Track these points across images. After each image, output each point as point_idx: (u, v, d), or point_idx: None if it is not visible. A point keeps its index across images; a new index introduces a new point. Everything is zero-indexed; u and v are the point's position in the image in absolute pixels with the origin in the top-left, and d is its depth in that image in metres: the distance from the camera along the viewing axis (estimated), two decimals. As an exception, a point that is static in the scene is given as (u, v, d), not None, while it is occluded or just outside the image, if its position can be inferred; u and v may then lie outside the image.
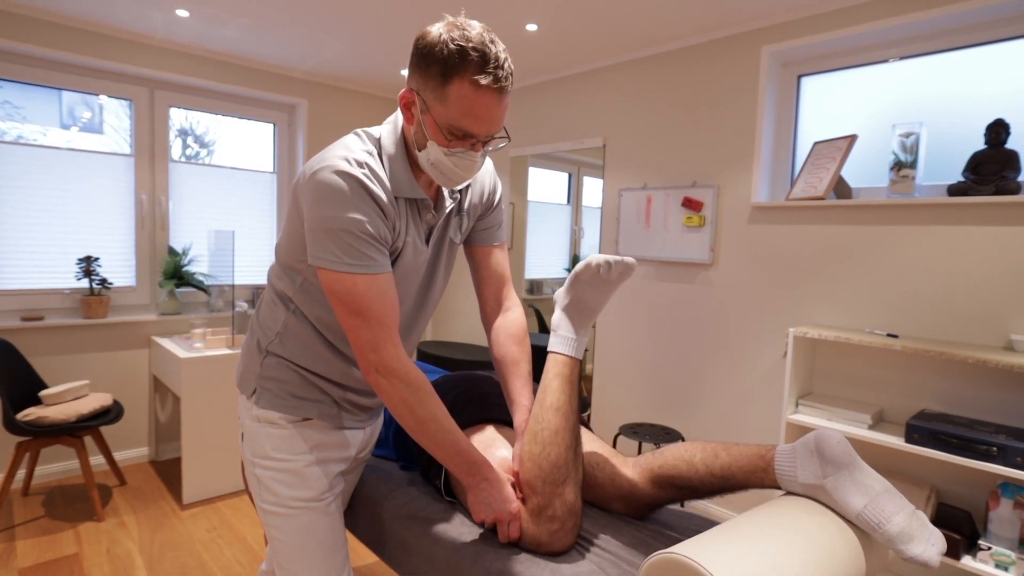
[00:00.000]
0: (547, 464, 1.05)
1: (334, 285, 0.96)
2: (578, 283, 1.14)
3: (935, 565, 0.89)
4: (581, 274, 1.12)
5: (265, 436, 1.13)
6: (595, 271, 1.09)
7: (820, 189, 2.20)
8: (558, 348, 1.16)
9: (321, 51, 3.07)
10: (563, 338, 1.16)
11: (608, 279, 1.11)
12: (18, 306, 2.80)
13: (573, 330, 1.16)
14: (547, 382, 1.14)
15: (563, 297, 1.17)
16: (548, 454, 1.06)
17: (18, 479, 2.80)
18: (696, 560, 0.78)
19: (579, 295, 1.15)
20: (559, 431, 1.08)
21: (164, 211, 3.17)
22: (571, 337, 1.15)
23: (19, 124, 2.80)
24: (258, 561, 2.23)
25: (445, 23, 0.93)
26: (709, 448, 1.12)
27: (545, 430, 1.08)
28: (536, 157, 3.50)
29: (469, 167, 1.00)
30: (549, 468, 1.05)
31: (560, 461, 1.05)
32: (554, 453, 1.06)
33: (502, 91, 0.93)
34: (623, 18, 2.46)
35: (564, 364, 1.14)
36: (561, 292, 1.19)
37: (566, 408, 1.10)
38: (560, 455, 1.06)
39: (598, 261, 1.09)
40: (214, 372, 2.68)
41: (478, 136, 0.96)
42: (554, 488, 1.04)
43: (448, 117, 0.93)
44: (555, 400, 1.11)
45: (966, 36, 2.03)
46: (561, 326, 1.17)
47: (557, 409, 1.10)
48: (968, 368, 1.93)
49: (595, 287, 1.13)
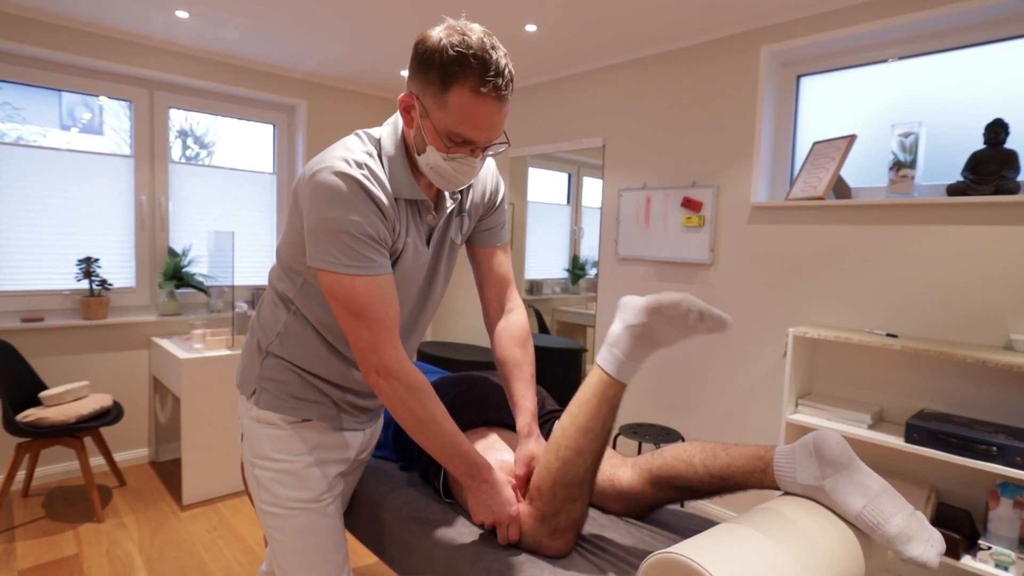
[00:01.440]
0: (563, 481, 1.02)
1: (334, 287, 0.96)
2: (659, 314, 0.99)
3: (934, 566, 0.89)
4: (666, 309, 0.98)
5: (264, 437, 1.13)
6: (684, 315, 0.96)
7: (819, 189, 2.20)
8: (607, 366, 1.05)
9: (321, 52, 3.07)
10: (616, 357, 1.04)
11: (693, 327, 0.97)
12: (18, 307, 2.81)
13: (630, 353, 1.03)
14: (584, 398, 1.05)
15: (633, 315, 1.03)
16: (566, 472, 1.02)
17: (18, 480, 2.80)
18: (695, 560, 0.78)
19: (653, 325, 1.01)
20: (583, 452, 1.03)
21: (164, 212, 3.17)
22: (624, 359, 1.04)
23: (19, 125, 2.80)
24: (258, 562, 2.23)
25: (445, 26, 0.92)
26: (708, 448, 1.12)
27: (569, 449, 1.03)
28: (536, 157, 3.50)
29: (468, 172, 1.00)
30: (563, 486, 1.02)
31: (576, 482, 1.02)
32: (572, 473, 1.02)
33: (502, 99, 0.92)
34: (622, 18, 2.46)
35: (608, 385, 1.04)
36: (632, 307, 1.04)
37: (598, 430, 1.03)
38: (578, 476, 1.02)
39: (691, 307, 0.95)
40: (214, 373, 2.68)
41: (477, 143, 0.96)
42: (563, 504, 1.03)
43: (447, 123, 0.93)
44: (588, 421, 1.03)
45: (965, 36, 2.03)
46: (619, 344, 1.04)
47: (588, 431, 1.03)
48: (968, 368, 1.93)
49: (675, 327, 1.00)
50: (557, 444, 1.04)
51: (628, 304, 1.06)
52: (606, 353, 1.06)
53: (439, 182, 1.02)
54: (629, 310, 1.04)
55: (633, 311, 1.03)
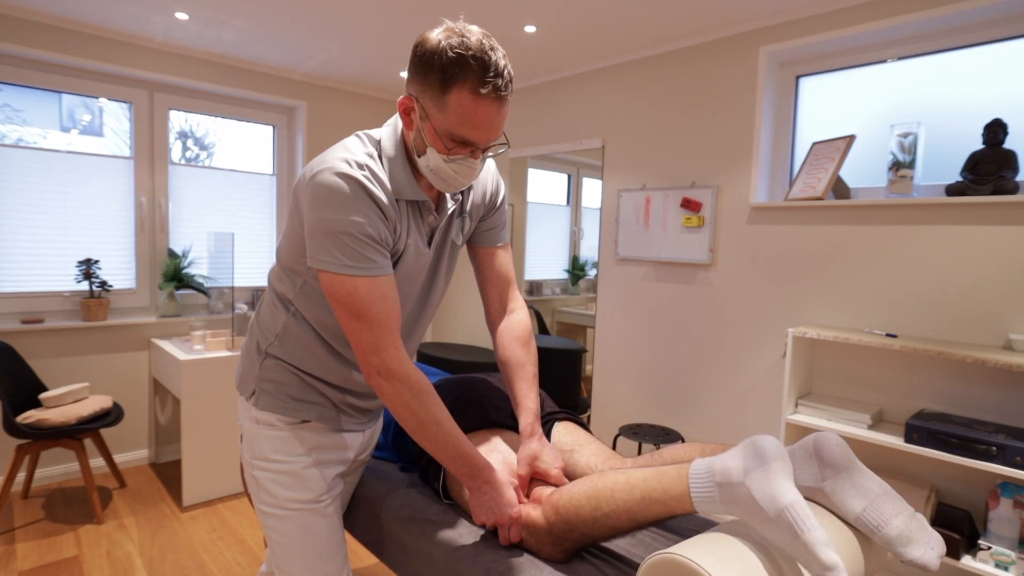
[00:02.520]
0: (584, 528, 1.00)
1: (335, 288, 0.96)
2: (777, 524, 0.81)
3: (934, 568, 0.89)
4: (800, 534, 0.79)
5: (264, 438, 1.13)
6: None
7: (819, 189, 2.20)
8: (698, 498, 0.90)
9: (320, 53, 3.07)
10: (710, 498, 0.89)
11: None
12: (18, 309, 2.81)
13: (722, 505, 0.89)
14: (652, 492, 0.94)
15: (765, 489, 0.83)
16: (596, 519, 0.99)
17: (18, 482, 2.79)
18: (694, 560, 0.78)
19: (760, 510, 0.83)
20: (616, 527, 0.98)
21: (164, 213, 3.17)
22: (717, 506, 0.89)
23: (19, 127, 2.80)
24: (258, 563, 2.23)
25: (444, 29, 0.92)
26: (708, 449, 1.12)
27: (607, 516, 0.98)
28: (535, 158, 3.50)
29: (469, 173, 1.00)
30: (589, 526, 1.00)
31: (598, 535, 1.01)
32: (596, 530, 1.00)
33: (501, 100, 0.93)
34: (621, 19, 2.47)
35: (681, 506, 0.92)
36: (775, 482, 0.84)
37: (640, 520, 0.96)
38: (605, 527, 0.99)
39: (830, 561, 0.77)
40: (214, 374, 2.68)
41: (477, 144, 0.96)
42: (578, 538, 1.02)
43: (447, 125, 0.93)
44: (640, 512, 0.95)
45: (964, 36, 2.03)
46: (727, 490, 0.87)
47: (632, 516, 0.96)
48: (967, 367, 1.93)
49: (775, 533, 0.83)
50: (599, 498, 0.98)
51: (769, 458, 0.86)
52: (707, 484, 0.89)
53: (439, 184, 1.02)
54: (768, 477, 0.84)
55: (772, 486, 0.83)
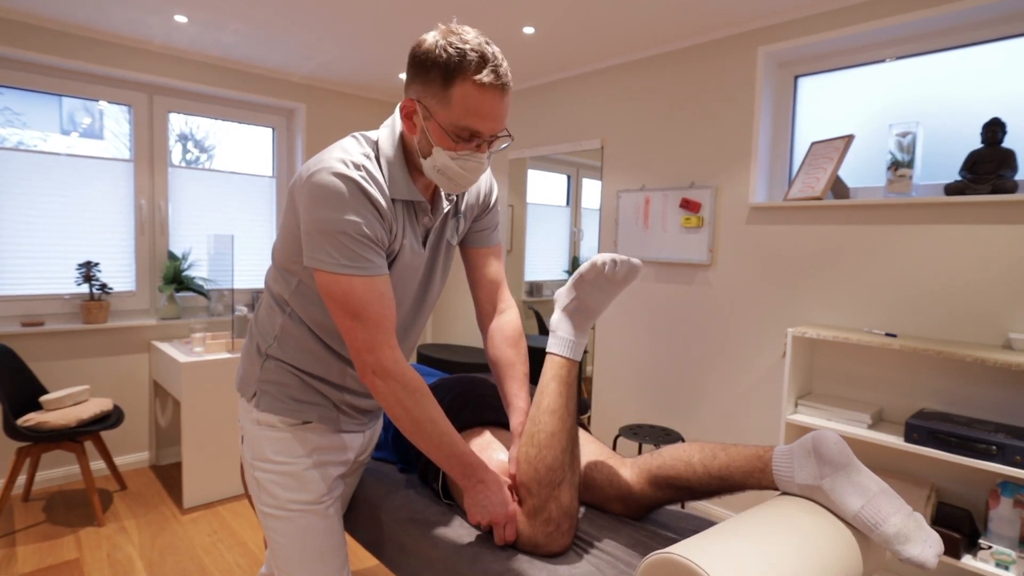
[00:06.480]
0: (542, 467, 1.05)
1: (331, 287, 0.97)
2: (582, 283, 1.11)
3: (932, 566, 0.89)
4: (586, 274, 1.10)
5: (265, 439, 1.13)
6: (600, 270, 1.07)
7: (818, 189, 2.21)
8: (556, 350, 1.15)
9: (319, 55, 3.08)
10: (561, 339, 1.14)
11: (613, 279, 1.09)
12: (18, 311, 2.81)
13: (572, 331, 1.14)
14: (544, 384, 1.13)
15: (564, 297, 1.15)
16: (544, 457, 1.05)
17: (19, 484, 2.80)
18: (693, 560, 0.78)
19: (582, 296, 1.12)
20: (555, 434, 1.07)
21: (164, 216, 3.18)
22: (570, 339, 1.14)
23: (19, 130, 2.81)
24: (259, 565, 2.23)
25: (439, 30, 0.95)
26: (707, 449, 1.12)
27: (541, 432, 1.08)
28: (535, 159, 3.50)
29: (476, 168, 1.01)
30: (544, 471, 1.05)
31: (555, 464, 1.05)
32: (550, 456, 1.05)
33: (504, 87, 0.95)
34: (620, 20, 2.47)
35: (561, 366, 1.13)
36: (562, 292, 1.17)
37: (562, 411, 1.09)
38: (556, 458, 1.05)
39: (604, 260, 1.06)
40: (214, 376, 2.68)
41: (484, 135, 0.97)
42: (550, 491, 1.04)
43: (452, 119, 0.94)
44: (551, 403, 1.10)
45: (962, 36, 2.03)
46: (560, 327, 1.15)
47: (553, 412, 1.09)
48: (967, 367, 1.93)
49: (599, 288, 1.11)
50: (530, 434, 1.09)
51: (558, 293, 1.18)
52: (553, 340, 1.16)
53: (447, 184, 1.03)
54: (560, 297, 1.17)
55: (562, 295, 1.16)
